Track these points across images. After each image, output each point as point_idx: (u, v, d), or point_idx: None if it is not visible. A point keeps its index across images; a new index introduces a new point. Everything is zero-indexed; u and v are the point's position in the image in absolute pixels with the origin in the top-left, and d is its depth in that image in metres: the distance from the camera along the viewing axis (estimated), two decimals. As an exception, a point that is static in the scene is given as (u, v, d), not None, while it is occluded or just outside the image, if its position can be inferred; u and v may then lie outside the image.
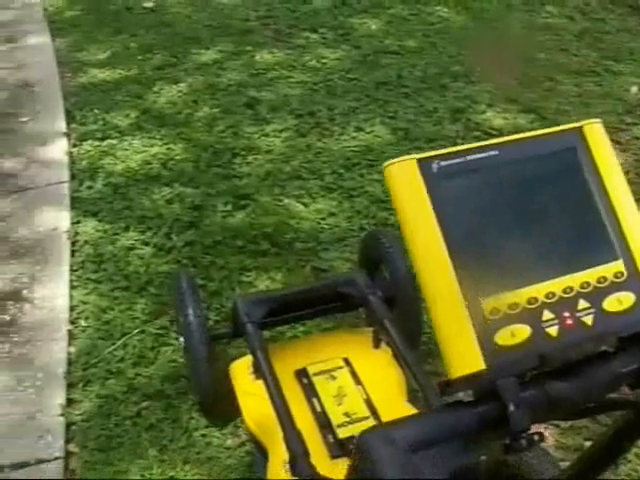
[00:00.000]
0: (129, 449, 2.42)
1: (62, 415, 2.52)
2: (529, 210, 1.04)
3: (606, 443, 1.16)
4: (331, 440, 1.86)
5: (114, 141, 3.75)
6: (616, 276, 1.04)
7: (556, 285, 1.01)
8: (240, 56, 4.54)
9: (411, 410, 1.91)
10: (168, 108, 4.01)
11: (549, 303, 1.01)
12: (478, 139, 3.62)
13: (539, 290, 1.01)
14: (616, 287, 1.03)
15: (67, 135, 3.83)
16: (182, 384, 2.57)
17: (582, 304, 1.02)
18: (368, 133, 3.72)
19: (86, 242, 3.19)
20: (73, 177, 3.56)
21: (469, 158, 1.04)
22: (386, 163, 1.02)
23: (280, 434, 1.78)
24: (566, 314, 1.01)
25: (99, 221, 3.27)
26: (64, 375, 2.65)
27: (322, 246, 3.06)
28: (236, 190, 3.35)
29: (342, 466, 1.73)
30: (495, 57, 4.36)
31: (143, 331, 2.76)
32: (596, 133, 1.10)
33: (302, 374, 2.07)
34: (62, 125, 3.93)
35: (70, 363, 2.71)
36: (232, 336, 2.34)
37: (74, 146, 3.74)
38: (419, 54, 4.47)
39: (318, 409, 1.96)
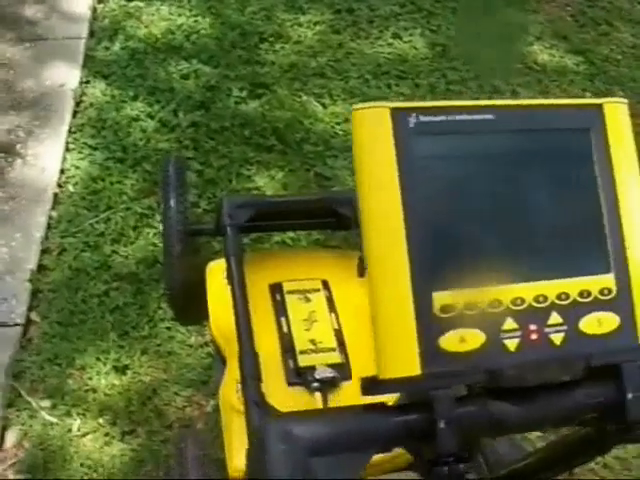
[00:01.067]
0: (90, 328, 2.34)
1: (30, 281, 2.43)
2: (516, 194, 0.88)
3: (560, 452, 1.03)
4: (291, 366, 1.74)
5: (141, 4, 3.57)
6: (602, 292, 0.88)
7: (528, 290, 0.86)
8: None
9: None
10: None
11: (515, 310, 0.85)
12: (520, 72, 3.42)
13: (506, 293, 0.85)
14: (599, 305, 0.88)
15: (95, -10, 3.64)
16: (157, 270, 2.48)
17: (554, 318, 0.86)
18: (405, 42, 3.52)
19: (91, 105, 3.06)
20: (92, 34, 3.40)
21: (457, 118, 0.87)
22: (355, 106, 0.86)
23: None
24: (532, 327, 0.86)
25: (108, 85, 3.14)
26: (41, 240, 2.55)
27: (331, 152, 2.91)
28: (256, 77, 3.19)
29: (296, 395, 1.65)
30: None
31: (129, 208, 2.65)
32: (618, 115, 0.93)
33: (276, 289, 1.93)
34: (93, -23, 3.74)
35: (49, 228, 2.61)
36: (213, 234, 2.21)
37: (100, 2, 3.58)
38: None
39: (285, 330, 1.83)
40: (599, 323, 0.88)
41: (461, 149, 0.88)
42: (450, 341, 0.83)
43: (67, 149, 2.87)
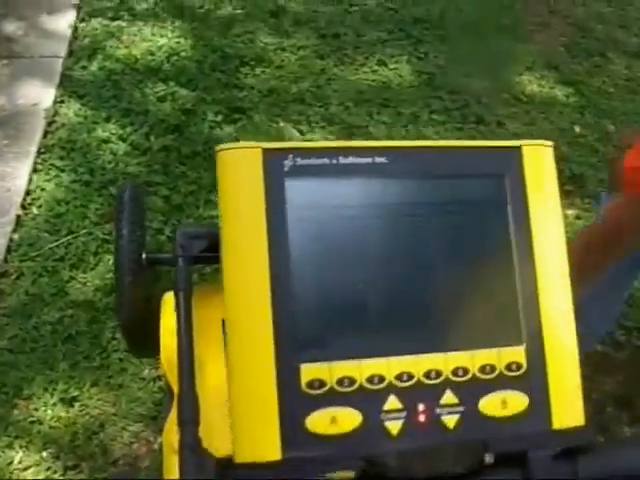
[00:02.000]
0: (41, 357, 2.26)
1: (-17, 308, 2.34)
2: (408, 252, 0.77)
3: None
4: None
5: (124, 23, 3.51)
6: (510, 367, 0.77)
7: (417, 364, 0.75)
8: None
9: None
10: (189, 0, 3.74)
11: (400, 387, 0.74)
12: (505, 103, 3.34)
13: (390, 367, 0.75)
14: (505, 383, 0.76)
15: (77, 8, 3.58)
16: (114, 298, 2.38)
17: (448, 397, 0.76)
18: (390, 69, 3.45)
19: (63, 125, 2.99)
20: (71, 53, 3.34)
21: (343, 161, 0.76)
22: (220, 146, 0.78)
23: None
24: (421, 407, 0.75)
25: (83, 105, 3.07)
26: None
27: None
28: (233, 101, 3.12)
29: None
30: (549, 18, 4.01)
31: (91, 233, 2.58)
32: (541, 160, 0.81)
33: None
34: (75, -4, 3.69)
35: (9, 251, 2.52)
36: (171, 264, 2.13)
37: (82, 21, 3.52)
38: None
39: None
40: (504, 404, 0.77)
41: (345, 198, 0.77)
42: (319, 422, 0.73)
43: (34, 170, 2.80)
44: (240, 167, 0.76)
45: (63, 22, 3.50)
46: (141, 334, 2.19)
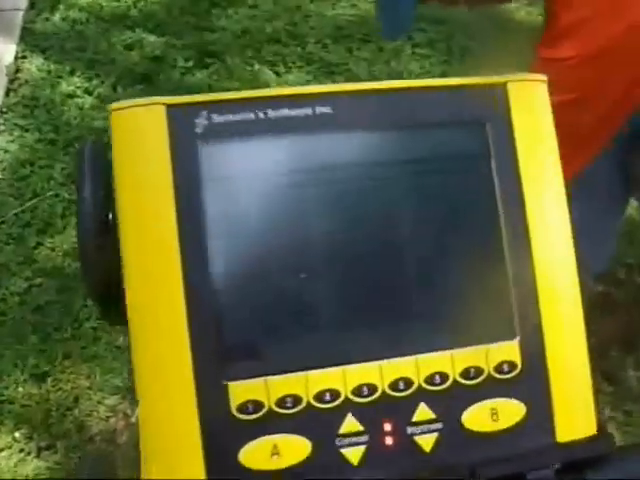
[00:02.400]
0: (10, 331, 2.13)
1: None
2: (362, 228, 0.59)
3: None
4: None
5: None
6: (501, 369, 0.59)
7: (380, 372, 0.58)
8: None
9: None
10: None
11: (359, 404, 0.58)
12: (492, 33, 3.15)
13: (344, 378, 0.57)
14: (495, 388, 0.59)
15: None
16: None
17: (423, 412, 0.59)
18: (370, 2, 3.24)
19: (26, 82, 2.82)
20: (32, 6, 3.15)
21: (272, 114, 0.59)
22: (114, 104, 0.61)
23: None
24: (387, 427, 0.58)
25: (46, 59, 2.89)
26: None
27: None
28: (204, 45, 2.94)
29: None
30: None
31: (57, 195, 2.43)
32: (530, 99, 0.62)
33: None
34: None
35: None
36: None
37: (42, -31, 3.31)
38: None
39: None
40: (494, 415, 0.60)
41: (279, 163, 0.60)
42: (257, 454, 0.56)
43: (-3, 132, 2.63)
44: (138, 130, 0.59)
45: (22, -29, 3.29)
46: (113, 299, 2.05)
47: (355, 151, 0.60)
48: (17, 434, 1.96)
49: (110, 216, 1.96)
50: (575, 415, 0.62)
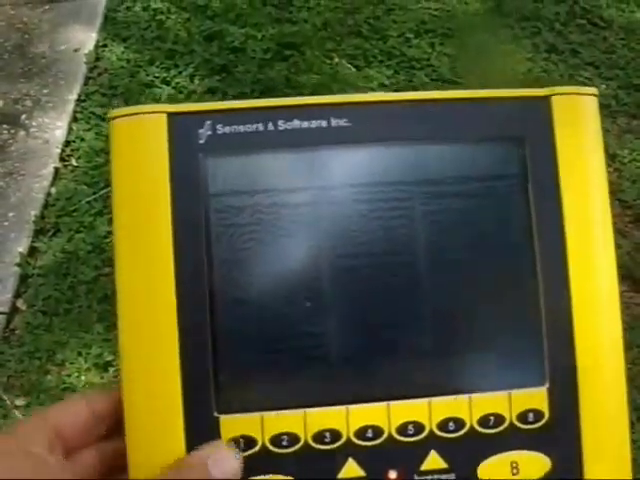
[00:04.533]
0: (75, 319, 2.13)
1: (19, 265, 2.22)
2: (376, 253, 0.53)
3: None
4: None
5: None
6: (525, 418, 0.52)
7: (387, 414, 0.51)
8: None
9: None
10: None
11: (363, 448, 0.51)
12: (582, 29, 3.05)
13: (347, 418, 0.51)
14: (518, 439, 0.52)
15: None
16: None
17: (434, 461, 0.52)
18: (455, -4, 3.18)
19: (105, 70, 2.83)
20: (115, -7, 3.16)
21: (283, 126, 0.53)
22: (113, 112, 0.55)
23: None
24: (392, 474, 0.51)
25: (126, 48, 2.90)
26: (35, 219, 2.34)
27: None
28: (284, 37, 2.92)
29: None
30: None
31: (130, 185, 2.41)
32: (577, 115, 0.55)
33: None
34: None
35: (46, 206, 2.39)
36: None
37: (127, -41, 3.32)
38: None
39: None
40: (514, 469, 0.52)
41: (288, 179, 0.53)
42: None
43: (74, 119, 2.65)
44: (138, 139, 0.53)
45: (108, -39, 3.31)
46: None
47: (374, 169, 0.53)
48: (78, 423, 1.95)
49: None
50: (608, 471, 0.54)
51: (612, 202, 0.55)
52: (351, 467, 0.52)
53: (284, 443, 0.51)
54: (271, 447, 0.51)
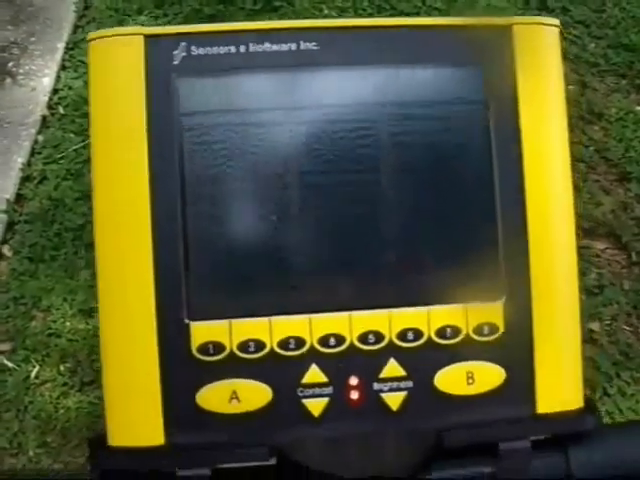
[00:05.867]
0: (61, 265, 2.14)
1: (5, 212, 2.23)
2: (339, 170, 0.56)
3: None
4: None
5: None
6: (481, 330, 0.56)
7: (349, 323, 0.55)
8: None
9: None
10: None
11: (325, 354, 0.55)
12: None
13: (311, 326, 0.55)
14: (473, 350, 0.56)
15: None
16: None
17: (393, 368, 0.56)
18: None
19: (93, 19, 2.82)
20: (105, -59, 3.12)
21: (253, 48, 0.56)
22: (92, 34, 0.59)
23: None
24: (353, 380, 0.56)
25: (115, -4, 2.87)
26: (22, 167, 2.34)
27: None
28: (274, -12, 2.89)
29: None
30: None
31: (117, 133, 2.40)
32: (538, 46, 0.57)
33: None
34: None
35: (33, 154, 2.39)
36: None
37: None
38: None
39: None
40: (470, 379, 0.56)
41: (257, 100, 0.57)
42: (215, 397, 0.55)
43: (63, 67, 2.64)
44: (116, 60, 0.57)
45: None
46: None
47: (339, 90, 0.57)
48: (62, 367, 1.98)
49: None
50: (559, 386, 0.58)
51: (598, 160, 0.56)
52: (314, 372, 0.56)
53: (251, 349, 0.55)
54: (239, 353, 0.55)
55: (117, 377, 0.56)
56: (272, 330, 0.55)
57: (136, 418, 0.56)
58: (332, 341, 0.55)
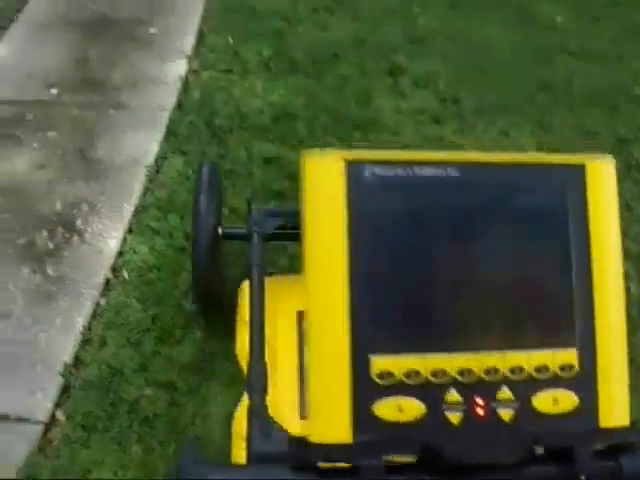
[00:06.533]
0: (114, 437, 2.13)
1: (63, 375, 2.22)
2: (473, 257, 0.84)
3: None
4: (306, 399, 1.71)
5: (235, 77, 3.41)
6: (563, 368, 0.84)
7: (477, 361, 0.83)
8: (402, 17, 4.08)
9: None
10: (305, 54, 3.61)
11: (460, 382, 0.83)
12: (636, 182, 3.08)
13: (452, 362, 0.83)
14: (557, 382, 0.84)
15: (189, 58, 3.49)
16: (197, 378, 2.24)
17: (504, 393, 0.84)
18: (511, 139, 3.23)
19: (163, 184, 2.88)
20: (179, 106, 3.23)
21: (417, 173, 0.84)
22: (306, 152, 0.84)
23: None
24: (479, 400, 0.83)
25: (185, 163, 2.96)
26: (82, 329, 2.35)
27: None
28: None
29: (304, 428, 1.59)
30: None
31: (180, 305, 2.44)
32: (602, 176, 0.88)
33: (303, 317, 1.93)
34: (189, 46, 3.61)
35: (94, 316, 2.40)
36: (246, 239, 2.10)
37: (193, 72, 3.42)
38: (600, 62, 3.88)
39: (305, 361, 1.78)
40: (555, 401, 0.84)
41: (418, 205, 0.84)
42: (386, 409, 0.81)
43: (129, 230, 2.68)
44: (325, 172, 0.82)
45: (173, 72, 3.41)
46: (212, 303, 2.31)
47: (471, 202, 0.86)
48: None
49: (220, 229, 2.16)
50: (614, 408, 0.84)
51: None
52: (453, 395, 0.83)
53: (411, 376, 0.81)
54: (403, 379, 0.81)
55: (319, 394, 0.82)
56: (426, 364, 0.82)
57: (332, 423, 0.82)
58: (465, 372, 0.82)
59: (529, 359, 0.83)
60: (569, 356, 0.83)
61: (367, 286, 0.81)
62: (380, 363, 0.80)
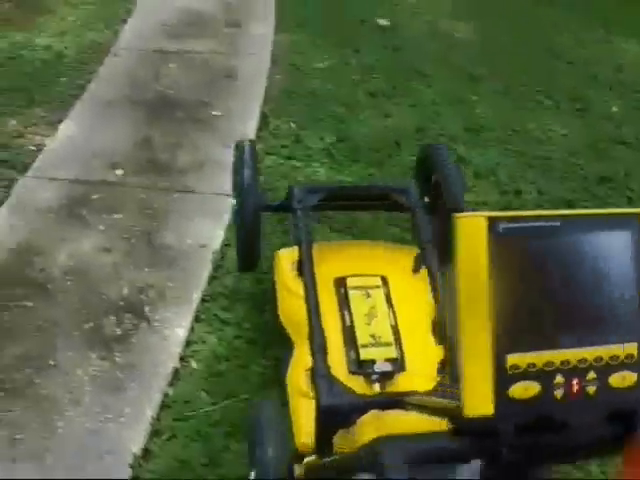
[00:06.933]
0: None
1: (132, 467, 2.21)
2: (572, 281, 1.10)
3: None
4: (353, 357, 1.98)
5: (298, 163, 3.43)
6: (627, 357, 1.12)
7: (574, 355, 1.11)
8: (459, 104, 4.12)
9: (432, 345, 2.03)
10: (367, 142, 3.64)
11: (563, 369, 1.10)
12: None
13: (558, 356, 1.10)
14: (624, 366, 1.12)
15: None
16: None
17: (591, 375, 1.12)
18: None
19: (229, 271, 2.87)
20: (242, 191, 3.23)
21: (532, 224, 1.09)
22: (458, 215, 1.05)
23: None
24: (575, 382, 1.11)
25: (251, 250, 2.93)
26: (151, 420, 2.34)
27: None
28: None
29: (356, 383, 1.90)
30: None
31: (249, 399, 2.41)
32: None
33: (341, 284, 2.18)
34: (252, 130, 3.64)
35: (163, 407, 2.39)
36: (283, 210, 2.49)
37: (257, 157, 3.42)
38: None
39: (348, 323, 2.07)
40: (623, 379, 1.13)
41: (536, 245, 1.09)
42: (516, 390, 1.09)
43: (197, 319, 2.68)
44: (472, 227, 1.06)
45: (238, 157, 3.41)
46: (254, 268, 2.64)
47: (567, 243, 1.10)
48: None
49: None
50: None
51: None
52: (557, 378, 1.10)
53: (531, 368, 1.08)
54: (528, 368, 1.08)
55: (472, 383, 1.08)
56: (542, 358, 1.09)
57: (480, 402, 1.08)
58: (566, 362, 1.10)
59: (607, 352, 1.11)
60: (632, 348, 1.12)
61: (503, 308, 1.06)
62: (512, 359, 1.07)
